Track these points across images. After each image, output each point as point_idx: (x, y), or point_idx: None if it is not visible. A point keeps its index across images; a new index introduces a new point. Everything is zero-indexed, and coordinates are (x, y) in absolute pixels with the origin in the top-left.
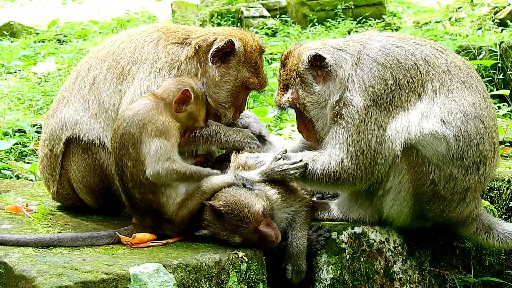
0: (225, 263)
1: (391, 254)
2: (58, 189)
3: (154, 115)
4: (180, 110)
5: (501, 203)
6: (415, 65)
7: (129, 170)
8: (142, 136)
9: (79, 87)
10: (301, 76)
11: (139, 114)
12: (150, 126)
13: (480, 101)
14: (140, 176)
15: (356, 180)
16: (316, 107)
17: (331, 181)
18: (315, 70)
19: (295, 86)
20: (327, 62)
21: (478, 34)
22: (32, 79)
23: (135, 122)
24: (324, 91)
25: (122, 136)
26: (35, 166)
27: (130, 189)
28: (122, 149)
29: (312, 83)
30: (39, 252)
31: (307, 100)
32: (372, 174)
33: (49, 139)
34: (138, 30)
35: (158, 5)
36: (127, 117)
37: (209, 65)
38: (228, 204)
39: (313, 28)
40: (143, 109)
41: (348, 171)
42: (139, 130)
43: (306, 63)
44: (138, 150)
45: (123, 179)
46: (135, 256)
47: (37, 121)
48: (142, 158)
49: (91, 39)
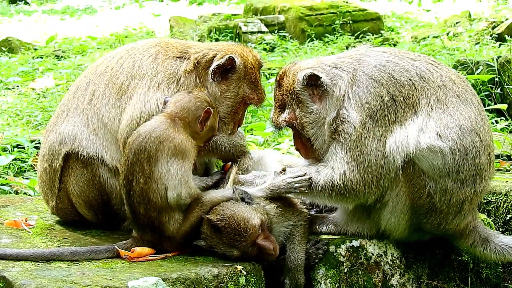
0: (223, 277)
1: (389, 267)
2: (57, 204)
3: (172, 133)
4: (204, 128)
5: (498, 216)
6: (410, 81)
7: (139, 186)
8: (158, 154)
9: (78, 102)
10: (297, 96)
11: (156, 131)
12: (168, 144)
13: (475, 114)
14: (150, 194)
15: (359, 193)
16: (314, 126)
17: (334, 193)
18: (311, 90)
19: (291, 106)
20: (322, 81)
21: (476, 49)
22: (30, 95)
23: (151, 139)
24: (321, 110)
25: (137, 152)
26: (34, 181)
27: (135, 204)
28: (135, 165)
29: (308, 103)
30: (39, 266)
31: (304, 120)
32: (377, 188)
33: (48, 154)
34: (137, 45)
35: (156, 21)
36: (143, 133)
37: (209, 81)
38: (225, 218)
39: (311, 43)
40: (160, 126)
41: (352, 183)
42: (155, 147)
43: (302, 83)
44: (153, 168)
45: (130, 193)
46: (134, 270)
47: (36, 136)
48: (157, 176)
49: (89, 54)
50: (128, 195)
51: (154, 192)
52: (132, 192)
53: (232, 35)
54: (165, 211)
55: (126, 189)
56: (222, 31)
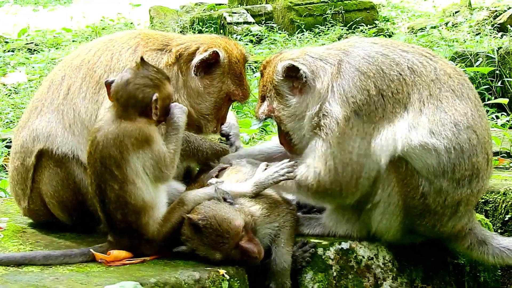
0: (205, 281)
1: (380, 271)
2: (29, 205)
3: (126, 126)
4: (157, 112)
5: (497, 217)
6: (400, 75)
7: (114, 193)
8: (124, 154)
9: (52, 97)
10: (275, 88)
11: (111, 132)
12: (128, 140)
13: (472, 110)
14: (127, 197)
15: (335, 194)
16: (292, 120)
17: (310, 192)
18: (291, 82)
19: (270, 97)
20: (301, 73)
21: (476, 39)
22: (1, 91)
23: (110, 142)
24: (301, 103)
25: (102, 160)
26: (4, 182)
27: (112, 210)
28: (104, 173)
29: (287, 96)
30: (10, 271)
31: (282, 113)
32: (355, 188)
33: (20, 151)
34: (115, 37)
35: (135, 11)
36: (100, 140)
37: (192, 75)
38: (206, 218)
39: (301, 34)
40: (113, 125)
41: (325, 184)
42: (118, 149)
43: (281, 74)
44: (126, 171)
45: (105, 201)
46: (110, 275)
47: (7, 135)
48: (133, 177)
49: (64, 48)
50: (103, 203)
51: (132, 195)
52: (107, 200)
53: (216, 26)
54: (144, 212)
55: (99, 198)
56: (205, 22)
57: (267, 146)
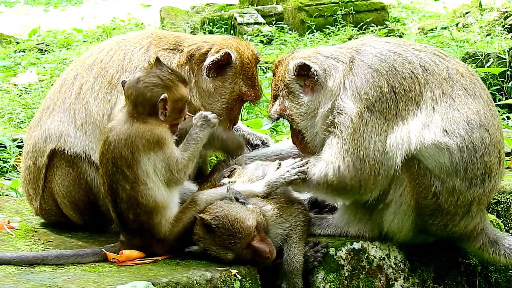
0: (217, 281)
1: (392, 271)
2: (41, 204)
3: (138, 128)
4: (166, 113)
5: (508, 217)
6: (413, 73)
7: (125, 193)
8: (135, 155)
9: (65, 96)
10: (287, 87)
11: (123, 133)
12: (140, 141)
13: (484, 109)
14: (138, 197)
15: (354, 189)
16: (304, 118)
17: (329, 189)
18: (303, 80)
19: (282, 96)
20: (313, 71)
21: (486, 40)
22: (12, 91)
23: (122, 143)
24: (313, 101)
25: (114, 160)
26: (16, 182)
27: (124, 210)
28: (116, 173)
29: (299, 94)
30: (22, 270)
31: (294, 111)
32: (374, 185)
33: (32, 151)
34: (127, 36)
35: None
36: (112, 140)
37: (203, 76)
38: (219, 217)
39: (311, 35)
40: (125, 125)
41: (346, 179)
42: (129, 150)
43: (292, 72)
44: (137, 171)
45: (117, 201)
46: (122, 274)
47: (18, 135)
48: (144, 177)
49: (75, 48)
50: (115, 203)
51: (143, 195)
52: (119, 199)
53: (227, 27)
54: (156, 211)
55: (111, 197)
56: (216, 22)
57: (281, 147)
